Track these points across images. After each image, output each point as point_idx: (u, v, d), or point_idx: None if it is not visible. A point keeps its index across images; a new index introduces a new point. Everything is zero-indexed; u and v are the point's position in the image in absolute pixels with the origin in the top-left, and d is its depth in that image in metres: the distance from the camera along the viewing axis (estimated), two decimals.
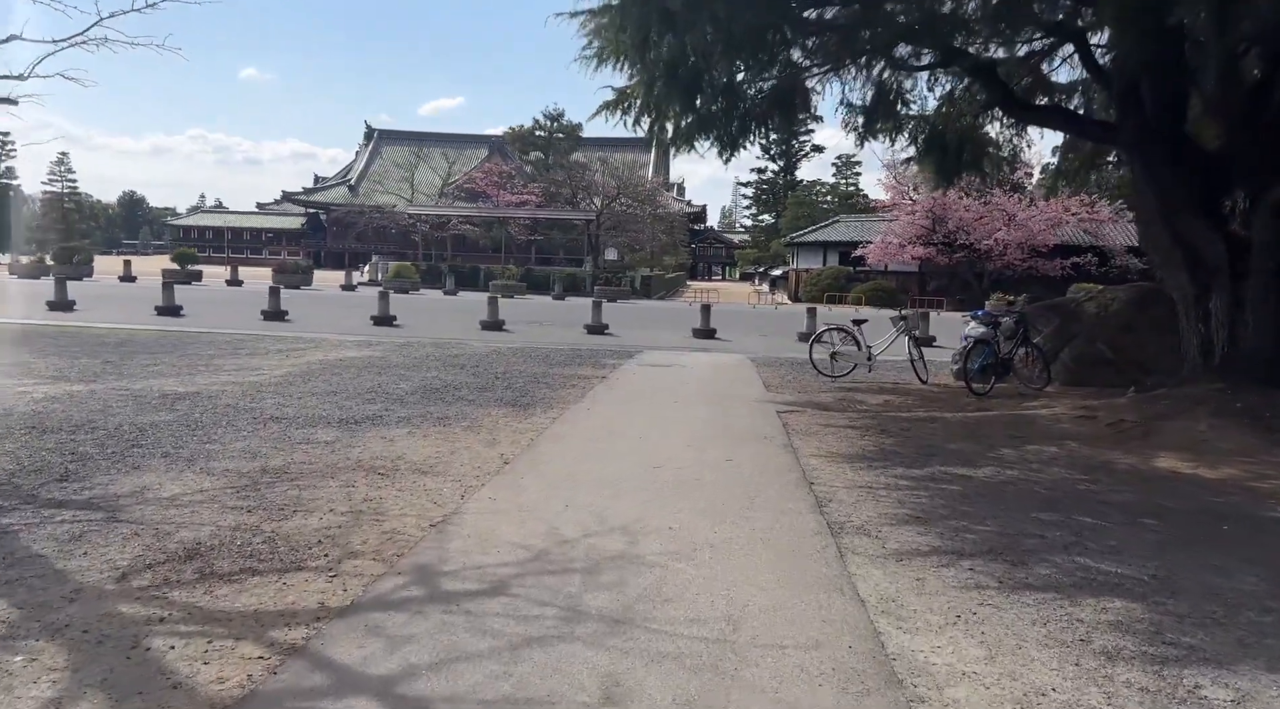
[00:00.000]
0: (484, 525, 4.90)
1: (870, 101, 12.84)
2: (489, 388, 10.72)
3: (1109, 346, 11.35)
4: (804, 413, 9.47)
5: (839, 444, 7.63)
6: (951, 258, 40.90)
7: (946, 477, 6.45)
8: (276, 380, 10.85)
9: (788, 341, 20.43)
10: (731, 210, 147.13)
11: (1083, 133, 10.33)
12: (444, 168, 58.54)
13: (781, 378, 12.79)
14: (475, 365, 13.18)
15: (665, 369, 13.48)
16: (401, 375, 11.63)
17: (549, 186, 50.82)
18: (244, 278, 33.59)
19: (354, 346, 15.63)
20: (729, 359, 15.59)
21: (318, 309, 26.04)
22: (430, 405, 9.19)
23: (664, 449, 7.16)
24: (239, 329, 18.33)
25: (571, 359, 14.60)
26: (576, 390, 10.73)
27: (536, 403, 9.59)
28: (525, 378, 11.82)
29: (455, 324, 22.15)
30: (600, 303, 21.59)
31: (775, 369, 13.97)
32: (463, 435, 7.59)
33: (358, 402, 9.31)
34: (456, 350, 15.47)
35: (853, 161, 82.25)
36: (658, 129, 11.71)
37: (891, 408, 10.01)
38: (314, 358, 13.63)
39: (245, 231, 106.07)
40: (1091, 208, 40.80)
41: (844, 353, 12.35)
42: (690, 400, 10.13)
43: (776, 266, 70.94)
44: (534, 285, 40.31)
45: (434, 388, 10.57)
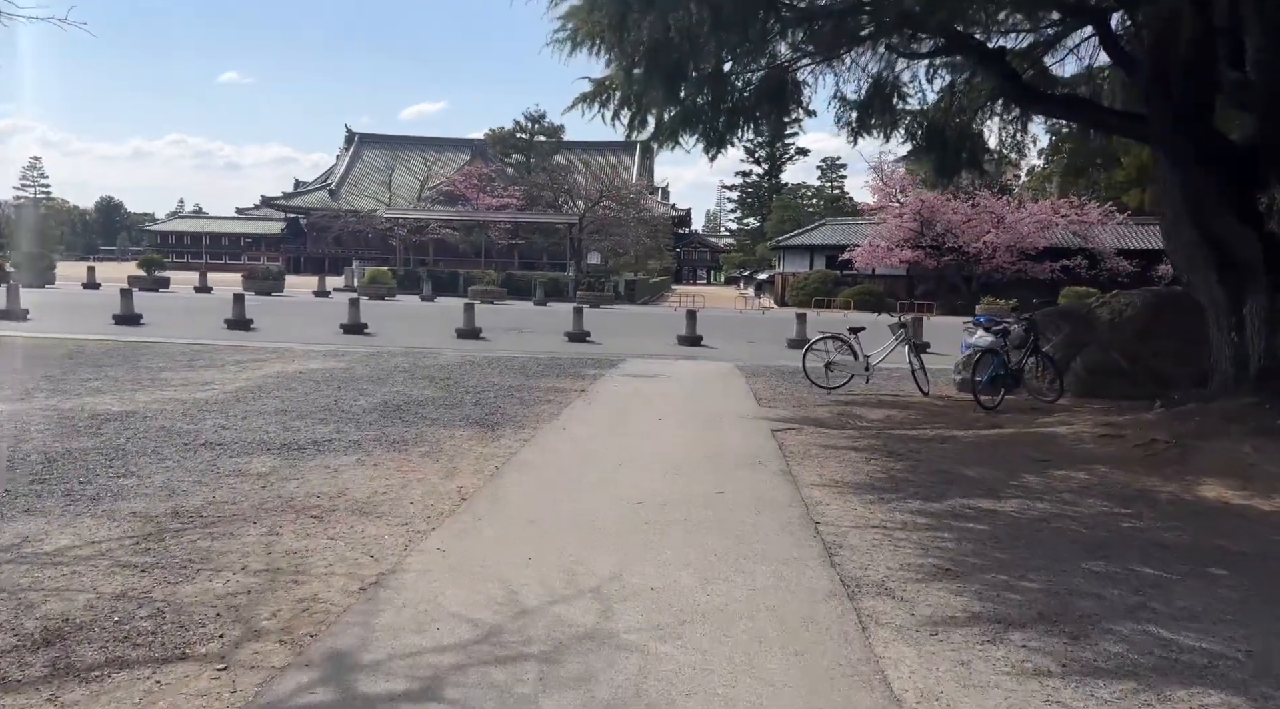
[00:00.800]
0: (425, 589, 4.02)
1: (865, 94, 12.06)
2: (456, 404, 9.83)
3: (1124, 356, 10.59)
4: (800, 431, 8.64)
5: (843, 470, 6.79)
6: (940, 261, 40.27)
7: (970, 512, 5.62)
8: (225, 397, 9.92)
9: (777, 349, 19.63)
10: (716, 214, 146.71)
11: (1101, 124, 9.59)
12: (424, 171, 57.49)
13: (773, 389, 11.96)
14: (445, 378, 12.29)
15: (649, 381, 12.63)
16: (363, 390, 10.72)
17: (530, 189, 49.81)
18: (215, 284, 32.49)
19: (318, 357, 14.70)
20: (717, 368, 14.75)
21: (286, 317, 25.02)
22: (388, 426, 8.30)
23: (646, 479, 6.30)
24: (199, 339, 17.34)
25: (549, 370, 13.73)
26: (552, 406, 9.86)
27: (506, 422, 8.71)
28: (497, 392, 10.94)
29: (430, 332, 21.22)
30: (581, 309, 20.71)
31: (766, 379, 13.14)
32: (419, 464, 6.70)
33: (308, 422, 8.41)
34: (427, 361, 14.56)
35: (838, 164, 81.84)
36: (638, 123, 10.87)
37: (895, 424, 9.20)
38: (272, 370, 12.70)
39: (224, 237, 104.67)
40: (1080, 210, 40.32)
41: (839, 363, 11.53)
42: (676, 417, 9.27)
43: (762, 270, 70.29)
44: (515, 290, 39.33)
45: (396, 405, 9.67)
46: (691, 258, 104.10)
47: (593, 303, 36.58)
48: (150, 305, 26.94)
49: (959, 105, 12.39)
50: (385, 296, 34.92)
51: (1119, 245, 41.03)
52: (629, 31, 7.83)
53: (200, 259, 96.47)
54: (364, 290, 35.03)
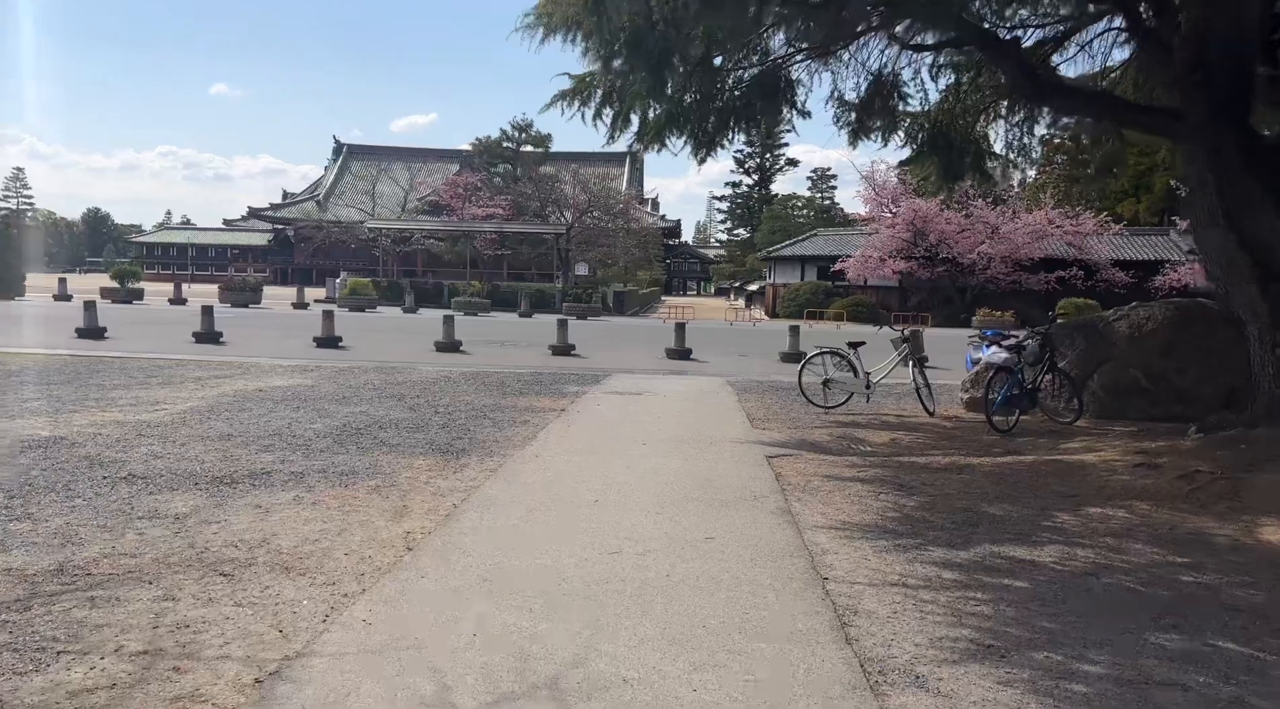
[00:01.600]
0: (335, 684, 3.17)
1: (865, 93, 11.31)
2: (422, 426, 8.98)
3: (1144, 373, 9.83)
4: (799, 458, 7.82)
5: (850, 508, 5.96)
6: (933, 272, 39.63)
7: (1003, 563, 4.80)
8: (170, 419, 9.06)
9: (769, 363, 18.84)
10: (706, 225, 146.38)
11: (1126, 120, 8.84)
12: (410, 182, 56.61)
13: (767, 408, 11.14)
14: (416, 396, 11.44)
15: (634, 399, 11.80)
16: (323, 411, 9.86)
17: (517, 199, 48.92)
18: (194, 296, 31.50)
19: (285, 373, 13.84)
20: (706, 384, 13.94)
21: (260, 330, 24.10)
22: (340, 453, 7.44)
23: (625, 520, 5.46)
24: (163, 353, 16.44)
25: (529, 386, 12.89)
26: (527, 429, 9.01)
27: (474, 448, 7.86)
28: (469, 412, 10.09)
29: (407, 345, 20.35)
30: (566, 321, 19.88)
31: (759, 397, 12.33)
32: (365, 501, 5.85)
33: (252, 449, 7.54)
34: (400, 377, 13.71)
35: (828, 175, 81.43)
36: (621, 123, 10.09)
37: (902, 450, 8.39)
38: (232, 388, 11.83)
39: (211, 249, 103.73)
40: (1075, 220, 39.79)
41: (838, 380, 10.73)
42: (661, 442, 8.44)
43: (752, 282, 69.72)
44: (501, 302, 38.46)
45: (356, 427, 8.82)
46: (681, 269, 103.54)
47: (580, 315, 35.77)
48: (119, 318, 25.97)
49: (963, 106, 11.66)
50: (366, 309, 34.00)
51: (1115, 256, 40.52)
52: (607, 16, 7.05)
53: (186, 270, 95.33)
54: (344, 302, 34.11)
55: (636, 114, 10.09)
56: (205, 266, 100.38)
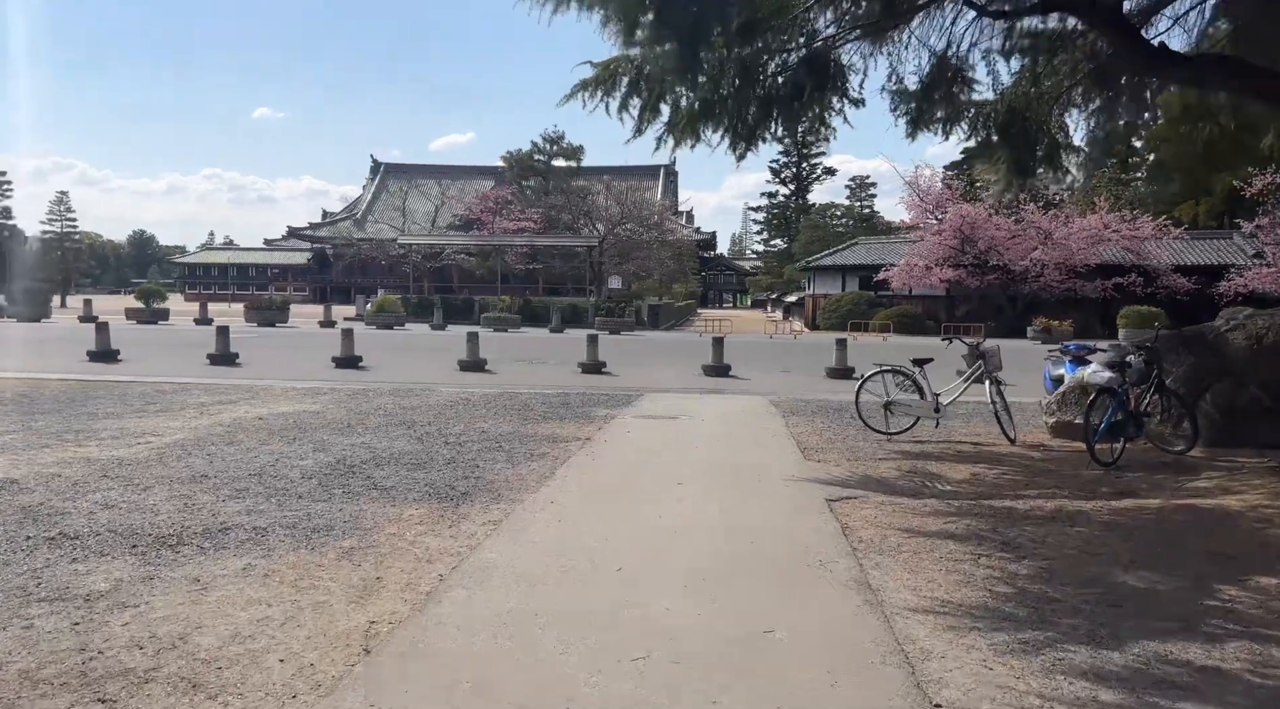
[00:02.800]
0: None
1: (926, 78, 10.02)
2: (425, 462, 7.82)
3: (1268, 392, 8.36)
4: (866, 501, 6.50)
5: (946, 579, 4.65)
6: (983, 280, 37.84)
7: (1179, 674, 3.47)
8: (147, 456, 8.02)
9: (815, 380, 17.48)
10: (741, 237, 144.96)
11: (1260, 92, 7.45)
12: (451, 201, 56.07)
13: (820, 434, 9.82)
14: (428, 423, 10.32)
15: (669, 424, 10.55)
16: (320, 443, 8.76)
17: (549, 212, 48.01)
18: (218, 316, 30.92)
19: (295, 397, 12.84)
20: (748, 405, 12.64)
21: (280, 350, 23.26)
22: (321, 500, 6.29)
23: (656, 602, 4.22)
24: (173, 377, 15.55)
25: (553, 410, 11.71)
26: (545, 464, 7.81)
27: (479, 491, 6.66)
28: (483, 443, 8.93)
29: (430, 364, 19.31)
30: (596, 337, 18.69)
31: (808, 420, 11.02)
32: (330, 571, 4.67)
33: (222, 495, 6.43)
34: (415, 400, 12.63)
35: (868, 183, 79.54)
36: (650, 112, 8.91)
37: (990, 489, 7.03)
38: (231, 416, 10.84)
39: (251, 268, 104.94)
40: (1133, 224, 37.82)
41: (902, 402, 9.38)
42: (700, 479, 7.18)
43: (791, 293, 68.13)
44: (532, 317, 37.43)
45: (350, 464, 7.68)
46: (717, 281, 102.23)
47: (612, 329, 34.62)
48: (139, 340, 25.36)
49: (1037, 90, 10.31)
50: (394, 326, 33.14)
51: (1176, 261, 38.42)
52: None
53: (228, 290, 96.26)
54: (372, 320, 33.30)
55: (667, 102, 8.91)
56: (246, 286, 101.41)
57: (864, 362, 18.79)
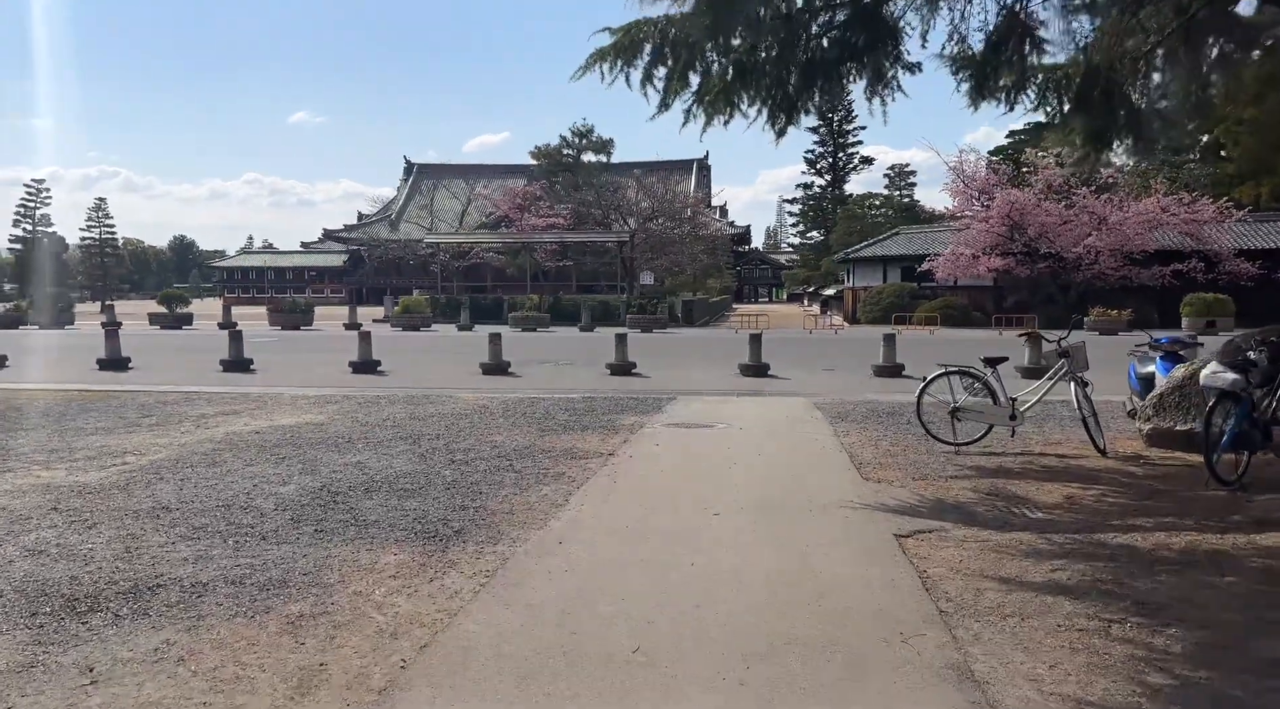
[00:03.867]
0: None
1: (993, 35, 8.75)
2: (422, 487, 6.78)
3: None
4: (944, 537, 5.32)
5: (1073, 663, 3.46)
6: (1033, 269, 36.06)
7: None
8: (114, 482, 7.11)
9: (861, 379, 16.20)
10: (776, 230, 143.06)
11: None
12: (482, 199, 55.34)
13: (875, 444, 8.62)
14: (436, 436, 9.31)
15: (703, 434, 9.41)
16: (309, 463, 7.78)
17: (578, 207, 46.94)
18: (243, 319, 30.34)
19: (303, 407, 11.94)
20: (790, 409, 11.46)
21: (299, 354, 22.46)
22: (286, 542, 5.26)
23: (683, 702, 3.09)
24: (181, 385, 14.75)
25: (576, 418, 10.64)
26: (558, 488, 6.72)
27: (477, 526, 5.59)
28: (492, 461, 7.87)
29: (451, 368, 18.35)
30: (625, 336, 17.58)
31: (859, 426, 9.81)
32: (263, 652, 3.61)
33: (175, 535, 5.45)
34: (429, 409, 11.65)
35: (906, 171, 77.48)
36: (678, 82, 7.78)
37: (1093, 516, 5.80)
38: (226, 430, 9.94)
39: (289, 271, 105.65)
40: (1191, 207, 35.83)
41: (972, 408, 8.13)
42: (740, 509, 6.04)
43: (828, 286, 66.50)
44: (562, 316, 36.40)
45: (335, 491, 6.67)
46: (752, 276, 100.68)
47: (645, 327, 33.49)
48: (157, 346, 24.78)
49: (1120, 49, 8.99)
50: (421, 327, 32.30)
51: (1238, 245, 36.35)
52: None
53: (265, 294, 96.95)
54: (397, 321, 32.53)
55: (696, 70, 7.77)
56: (284, 289, 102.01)
57: (912, 358, 17.48)
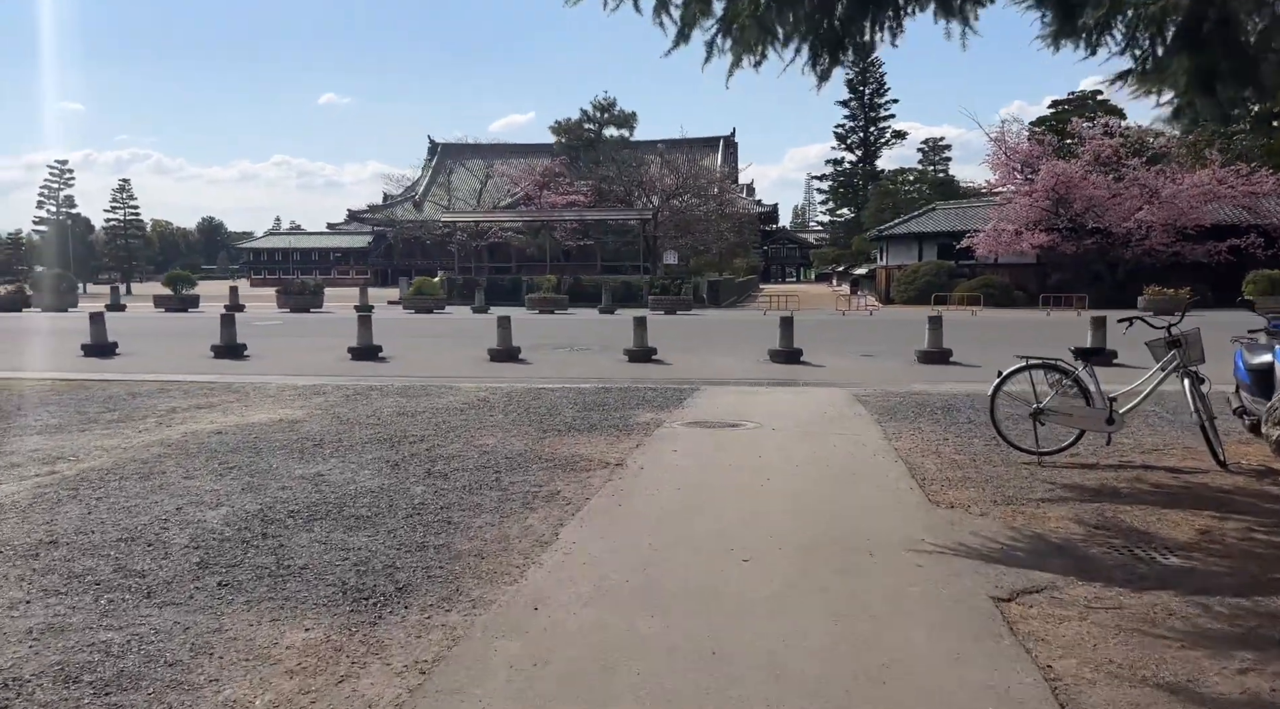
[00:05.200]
0: None
1: None
2: (380, 513, 5.45)
3: None
4: (1061, 603, 3.88)
5: None
6: (1079, 245, 34.06)
7: None
8: (24, 498, 6.00)
9: (905, 367, 14.68)
10: (804, 208, 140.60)
11: None
12: (502, 177, 53.91)
13: (935, 451, 7.17)
14: (420, 438, 8.01)
15: (729, 436, 8.00)
16: (259, 476, 6.50)
17: (599, 184, 45.30)
18: (252, 301, 29.29)
19: (286, 400, 10.76)
20: (829, 402, 10.02)
21: (299, 339, 21.26)
22: (172, 603, 3.95)
23: None
24: (164, 374, 13.60)
25: (585, 415, 9.30)
26: (548, 515, 5.36)
27: (427, 583, 4.23)
28: (476, 472, 6.53)
29: (458, 354, 17.07)
30: (644, 320, 16.15)
31: (912, 426, 8.36)
32: None
33: (42, 585, 4.21)
34: (423, 402, 10.38)
35: (941, 145, 74.97)
36: (699, 7, 6.32)
37: (1243, 561, 4.35)
38: (187, 430, 8.77)
39: (314, 252, 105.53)
40: (1249, 178, 33.63)
41: (1059, 410, 6.64)
42: (775, 554, 4.63)
43: (859, 265, 64.57)
44: (582, 297, 34.98)
45: (271, 518, 5.37)
46: (779, 255, 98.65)
47: (668, 309, 32.02)
48: (154, 330, 23.77)
49: None
50: (434, 309, 31.04)
51: None
52: None
53: (291, 275, 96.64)
54: (410, 303, 31.31)
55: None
56: (310, 270, 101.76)
57: (958, 342, 15.85)
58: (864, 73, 78.03)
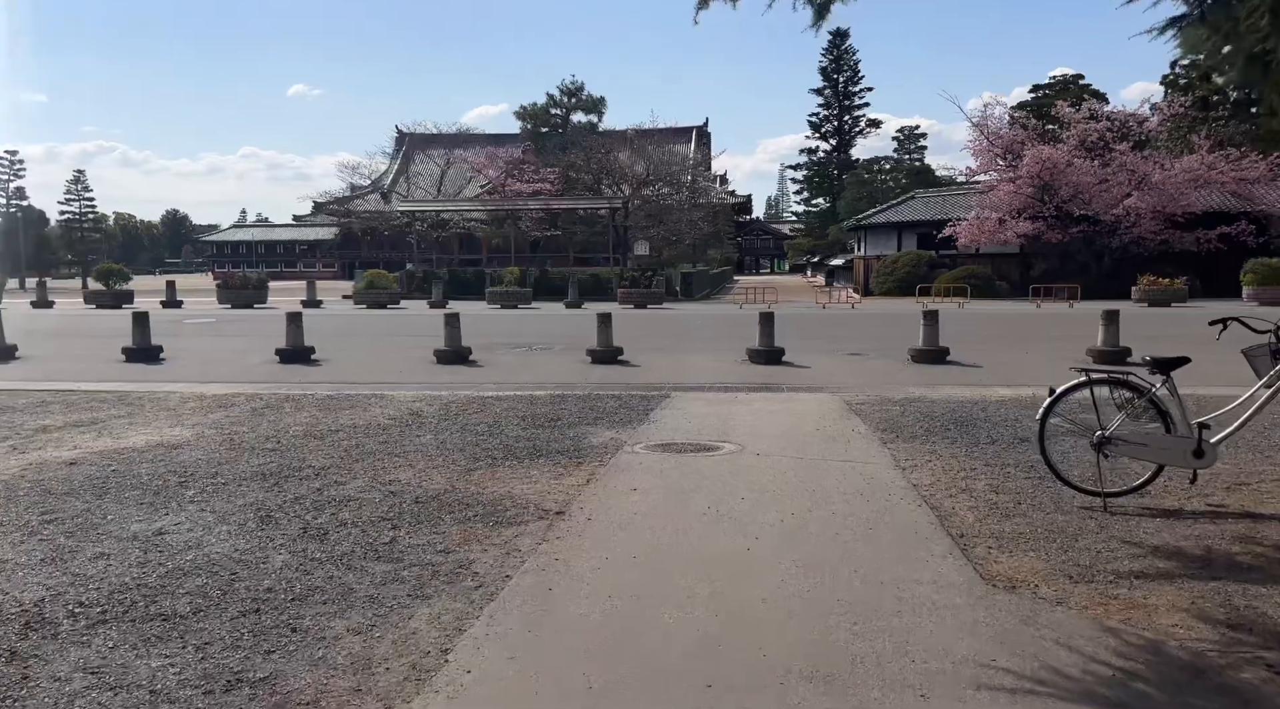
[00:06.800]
0: None
1: None
2: (213, 605, 3.82)
3: None
4: None
5: None
6: (1065, 233, 32.83)
7: None
8: None
9: (898, 367, 13.17)
10: (778, 200, 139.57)
11: None
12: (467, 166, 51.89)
13: (966, 487, 5.64)
14: (317, 472, 6.37)
15: (703, 466, 6.40)
16: (80, 535, 4.87)
17: (567, 171, 43.46)
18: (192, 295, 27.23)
19: (184, 414, 9.18)
20: (821, 414, 8.47)
21: (227, 340, 19.38)
22: None
23: None
24: (58, 381, 11.87)
25: (532, 434, 7.71)
26: (447, 608, 3.74)
27: None
28: (367, 529, 4.90)
29: (402, 354, 15.37)
30: (609, 317, 14.49)
31: (927, 447, 6.84)
32: None
33: None
34: (343, 417, 8.77)
35: (916, 134, 73.83)
36: None
37: None
38: (39, 458, 7.27)
39: (279, 245, 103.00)
40: (1239, 163, 32.59)
41: (1131, 439, 5.11)
42: (773, 687, 3.04)
43: (835, 256, 63.26)
44: (548, 290, 33.22)
45: (35, 621, 3.70)
46: (753, 247, 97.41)
47: (638, 302, 30.37)
48: (72, 328, 21.82)
49: None
50: (388, 304, 29.17)
51: None
52: None
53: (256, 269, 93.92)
54: (361, 298, 29.43)
55: None
56: (275, 264, 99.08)
57: (951, 338, 14.24)
58: (838, 60, 76.69)
